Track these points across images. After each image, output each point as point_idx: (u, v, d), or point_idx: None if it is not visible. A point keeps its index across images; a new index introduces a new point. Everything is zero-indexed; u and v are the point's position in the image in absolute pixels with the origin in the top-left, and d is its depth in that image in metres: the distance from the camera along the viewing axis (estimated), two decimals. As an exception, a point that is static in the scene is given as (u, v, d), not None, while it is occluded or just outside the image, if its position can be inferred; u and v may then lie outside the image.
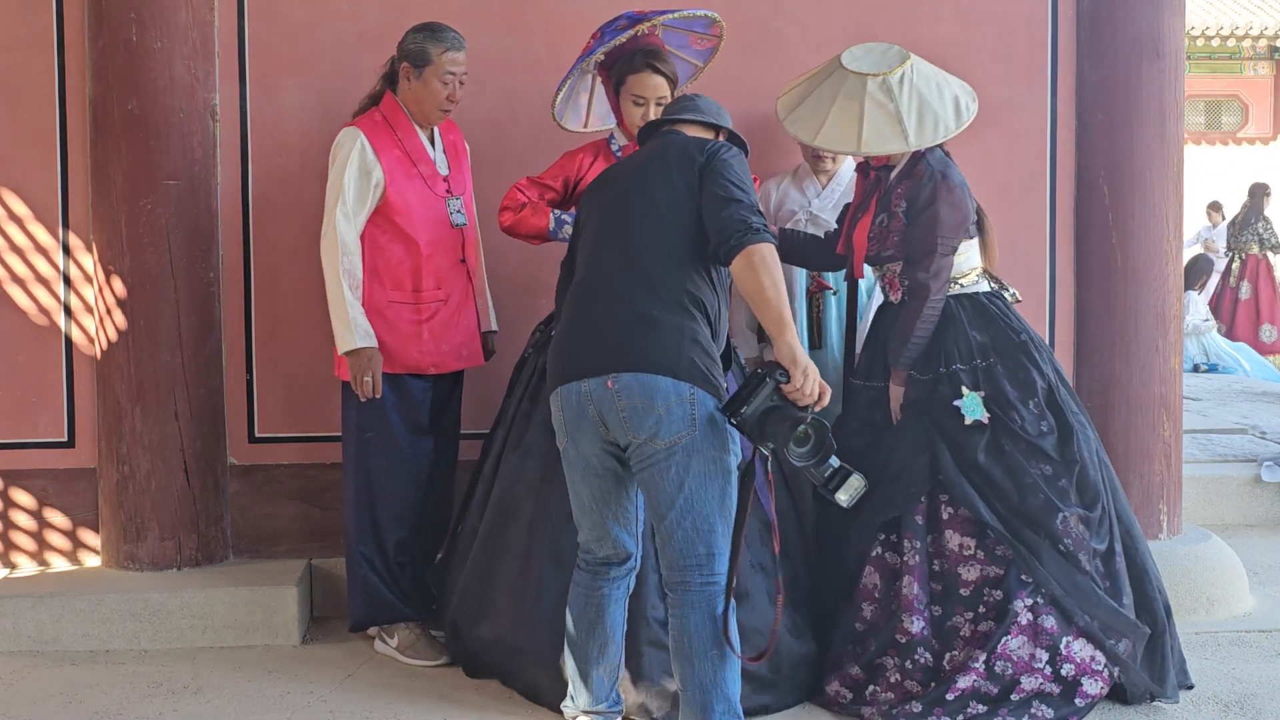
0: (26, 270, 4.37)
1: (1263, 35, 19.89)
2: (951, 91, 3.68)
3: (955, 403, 3.60)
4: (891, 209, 3.69)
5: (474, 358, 4.02)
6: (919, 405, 3.65)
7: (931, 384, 3.65)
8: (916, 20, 4.60)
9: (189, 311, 4.26)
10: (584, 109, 4.08)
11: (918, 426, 3.64)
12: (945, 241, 3.59)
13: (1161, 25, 4.55)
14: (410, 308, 3.86)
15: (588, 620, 3.18)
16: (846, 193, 4.12)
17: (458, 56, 3.81)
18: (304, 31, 4.40)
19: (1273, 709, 3.61)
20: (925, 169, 3.65)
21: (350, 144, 3.79)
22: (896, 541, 3.61)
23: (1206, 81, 20.57)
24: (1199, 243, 14.21)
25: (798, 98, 3.76)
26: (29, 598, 4.10)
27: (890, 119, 3.58)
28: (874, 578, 3.63)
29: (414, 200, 3.84)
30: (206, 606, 4.12)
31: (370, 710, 3.59)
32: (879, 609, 3.61)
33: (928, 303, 3.59)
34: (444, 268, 3.89)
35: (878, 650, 3.55)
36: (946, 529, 3.57)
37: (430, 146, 3.92)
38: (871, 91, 3.61)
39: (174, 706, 3.63)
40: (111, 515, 4.31)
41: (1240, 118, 21.26)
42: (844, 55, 3.72)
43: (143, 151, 4.19)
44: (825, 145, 3.69)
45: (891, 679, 3.52)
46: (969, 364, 3.64)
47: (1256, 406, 7.83)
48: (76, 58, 4.31)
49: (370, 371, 3.77)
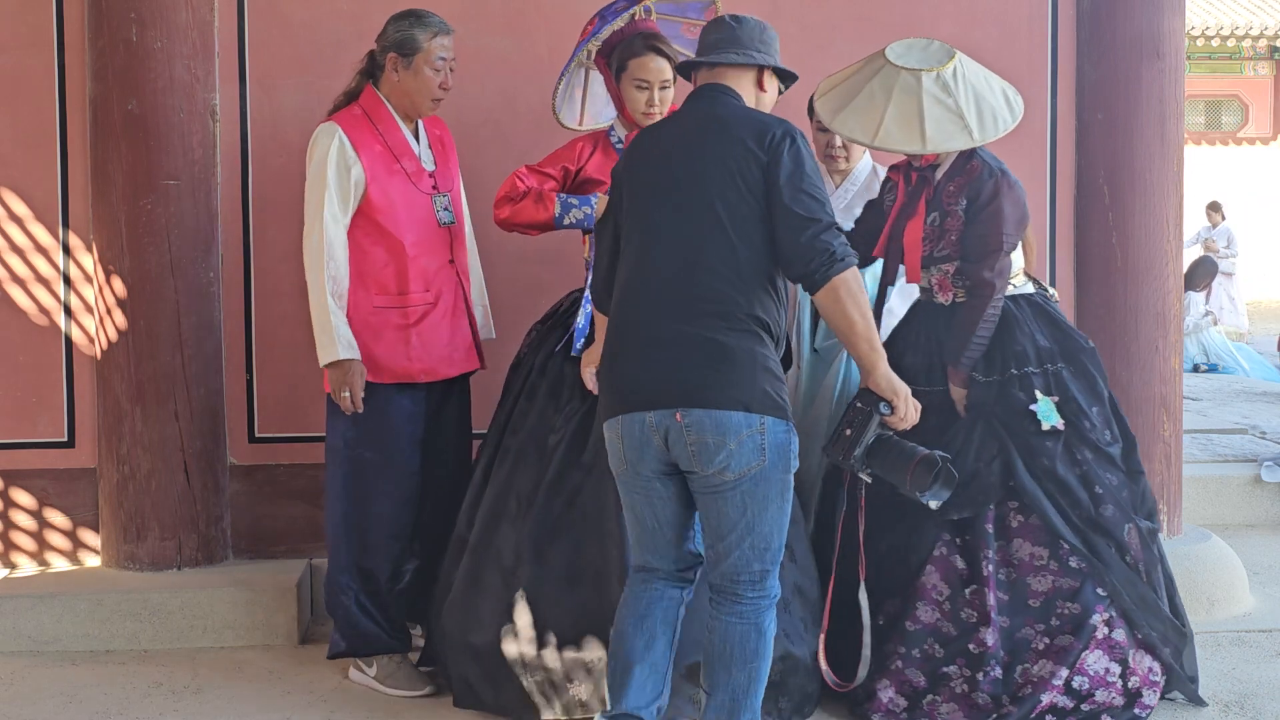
0: (27, 270, 4.37)
1: (1263, 35, 19.91)
2: (999, 85, 3.59)
3: (1031, 407, 3.51)
4: (946, 208, 3.57)
5: (469, 362, 3.80)
6: (984, 408, 3.54)
7: (999, 386, 3.54)
8: (916, 20, 4.60)
9: (189, 311, 4.26)
10: (579, 105, 4.00)
11: (986, 431, 3.53)
12: (1009, 239, 3.50)
13: (1161, 25, 4.55)
14: (397, 312, 3.63)
15: (637, 614, 3.01)
16: (861, 192, 4.03)
17: (446, 41, 3.64)
18: (304, 31, 4.40)
19: (1273, 709, 3.61)
20: (981, 165, 3.56)
21: (327, 141, 3.59)
22: (963, 545, 3.51)
23: (1206, 81, 20.59)
24: (1199, 243, 14.23)
25: (842, 97, 3.59)
26: (29, 598, 4.10)
27: (952, 115, 3.44)
28: (934, 578, 3.50)
29: (397, 198, 3.63)
30: (206, 606, 4.12)
31: (370, 710, 3.59)
32: (940, 613, 3.48)
33: (991, 301, 3.49)
34: (431, 269, 3.67)
35: (946, 658, 3.43)
36: (1016, 538, 3.50)
37: (414, 141, 3.72)
38: (928, 88, 3.46)
39: (174, 706, 3.63)
40: (111, 515, 4.31)
41: (1240, 118, 21.28)
42: (888, 51, 3.58)
43: (143, 151, 4.19)
44: (886, 145, 3.49)
45: (957, 689, 3.40)
46: (1040, 368, 3.56)
47: (1256, 406, 7.84)
48: (76, 58, 4.31)
49: (349, 385, 3.55)
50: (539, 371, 3.67)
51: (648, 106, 3.59)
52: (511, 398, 3.73)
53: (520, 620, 3.41)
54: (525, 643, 3.40)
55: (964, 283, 3.57)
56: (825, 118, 3.59)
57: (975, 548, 3.49)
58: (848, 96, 3.56)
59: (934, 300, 3.67)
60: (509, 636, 3.41)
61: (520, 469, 3.58)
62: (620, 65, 3.63)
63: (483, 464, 3.71)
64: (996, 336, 3.55)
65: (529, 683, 3.37)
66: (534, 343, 3.79)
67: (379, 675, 3.70)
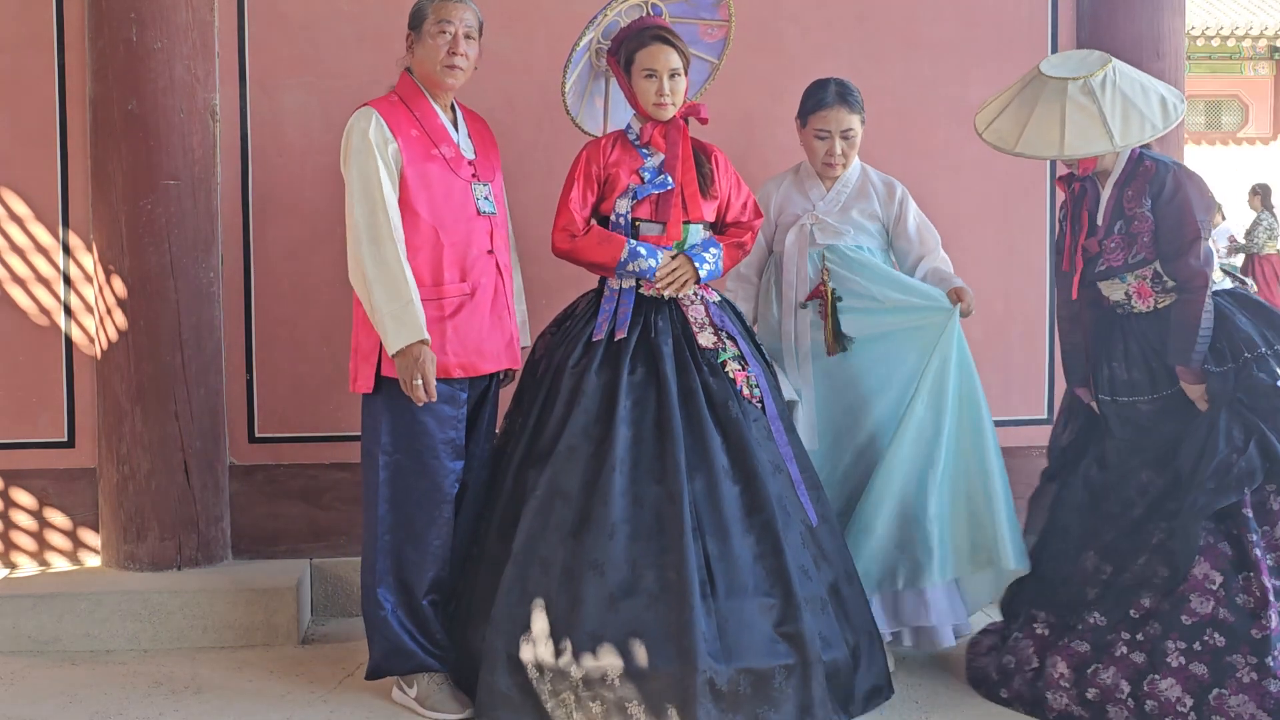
0: (27, 270, 4.37)
1: (1263, 35, 19.91)
2: (1157, 92, 3.58)
3: (1279, 384, 3.50)
4: (1129, 213, 3.60)
5: (510, 359, 3.61)
6: (1223, 396, 3.52)
7: (1235, 374, 3.54)
8: (916, 20, 4.60)
9: (189, 311, 4.26)
10: (600, 113, 3.97)
11: (1232, 417, 3.50)
12: (1204, 224, 3.53)
13: (1161, 25, 4.56)
14: (431, 304, 3.42)
15: None
16: (853, 197, 3.97)
17: (450, 6, 3.48)
18: (304, 31, 4.40)
19: (1273, 709, 3.61)
20: (1155, 164, 3.59)
21: (365, 122, 3.42)
22: (1226, 533, 3.46)
23: (1206, 81, 20.57)
24: (1199, 243, 14.20)
25: (997, 110, 3.67)
26: (29, 598, 4.10)
27: (1094, 120, 3.48)
28: (1204, 567, 3.44)
29: (435, 182, 3.46)
30: (206, 606, 4.12)
31: (370, 710, 3.59)
32: (1216, 600, 3.40)
33: (1207, 289, 3.51)
34: (469, 258, 3.49)
35: (1229, 647, 3.35)
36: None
37: (453, 129, 3.57)
38: (1072, 95, 3.50)
39: (174, 706, 3.63)
40: (111, 515, 4.31)
41: (1240, 118, 21.27)
42: (1043, 64, 3.63)
43: (143, 151, 4.19)
44: (1026, 151, 3.56)
45: (1244, 679, 3.30)
46: (1270, 348, 3.56)
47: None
48: (76, 58, 4.31)
49: (421, 371, 3.34)
50: (571, 375, 3.54)
51: (658, 96, 3.58)
52: (535, 402, 3.60)
53: (572, 633, 3.30)
54: (575, 655, 3.29)
55: (1168, 283, 3.58)
56: (978, 127, 3.67)
57: (1239, 534, 3.46)
58: (1001, 109, 3.66)
59: (1131, 309, 3.67)
60: (567, 650, 3.29)
61: (564, 472, 3.45)
62: (629, 58, 3.62)
63: (511, 472, 3.56)
64: (1217, 327, 3.57)
65: (570, 697, 3.28)
66: (552, 345, 3.68)
67: (419, 696, 3.53)
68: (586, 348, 3.58)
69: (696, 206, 3.66)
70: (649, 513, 3.39)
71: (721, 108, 4.00)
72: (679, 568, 3.30)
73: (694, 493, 3.41)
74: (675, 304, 3.64)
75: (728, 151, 3.83)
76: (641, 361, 3.56)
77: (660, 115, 3.62)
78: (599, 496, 3.39)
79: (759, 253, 4.02)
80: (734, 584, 3.35)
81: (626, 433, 3.45)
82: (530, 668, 3.33)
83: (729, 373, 3.56)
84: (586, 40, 3.70)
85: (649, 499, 3.40)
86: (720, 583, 3.33)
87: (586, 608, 3.30)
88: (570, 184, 3.67)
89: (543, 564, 3.39)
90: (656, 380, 3.52)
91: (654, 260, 3.58)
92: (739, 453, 3.48)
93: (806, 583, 3.40)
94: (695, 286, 3.65)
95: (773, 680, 3.28)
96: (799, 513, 3.50)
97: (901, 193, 4.00)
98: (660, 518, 3.37)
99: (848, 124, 3.88)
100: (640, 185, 3.62)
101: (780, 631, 3.33)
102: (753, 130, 4.51)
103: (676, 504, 3.36)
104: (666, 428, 3.45)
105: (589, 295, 3.75)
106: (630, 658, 3.26)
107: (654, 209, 3.63)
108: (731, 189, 3.76)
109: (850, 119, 3.88)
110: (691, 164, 3.66)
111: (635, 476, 3.43)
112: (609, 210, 3.65)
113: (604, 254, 3.59)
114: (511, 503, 3.53)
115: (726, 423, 3.51)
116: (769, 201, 4.04)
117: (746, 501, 3.45)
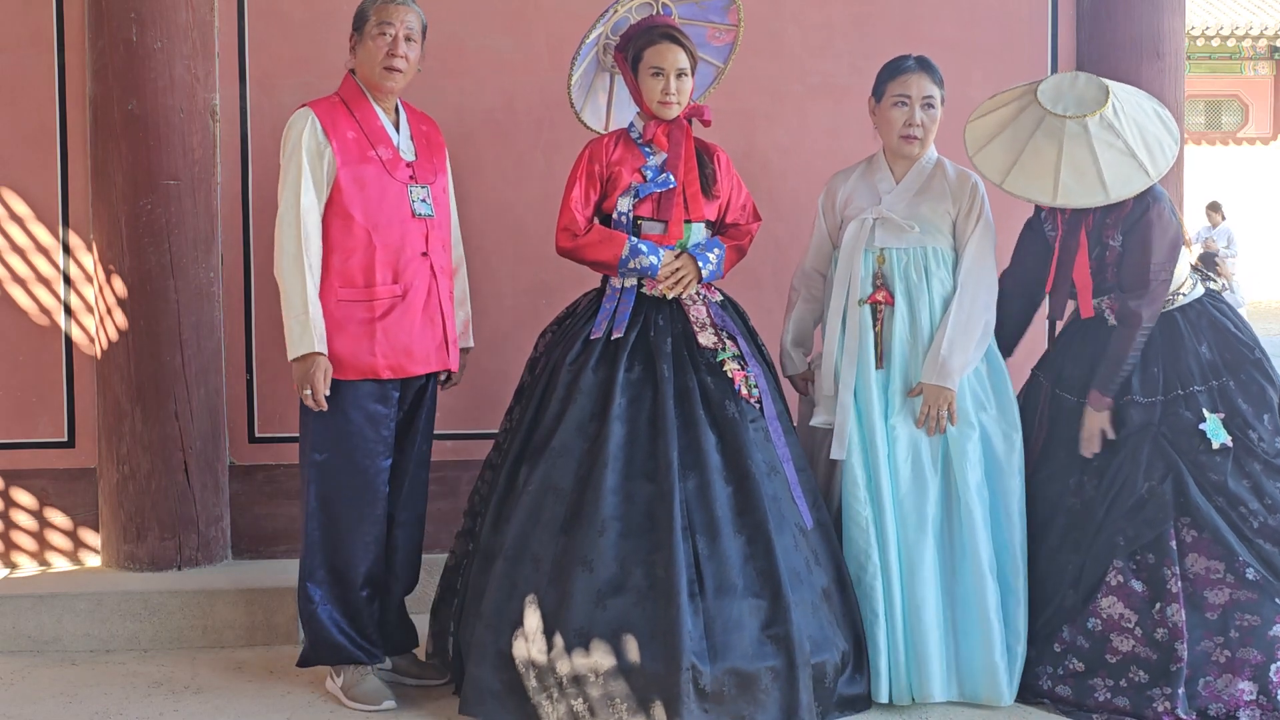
0: (27, 270, 4.37)
1: (1263, 35, 19.91)
2: (1149, 105, 3.57)
3: (1200, 426, 3.53)
4: (1106, 243, 3.61)
5: (440, 361, 3.62)
6: (1150, 429, 3.57)
7: (1163, 406, 3.57)
8: (917, 20, 4.60)
9: (189, 311, 4.26)
10: (604, 109, 3.96)
11: (1154, 451, 3.55)
12: (1157, 273, 3.53)
13: (1161, 25, 4.55)
14: (362, 305, 3.47)
15: None
16: (923, 192, 3.70)
17: (391, 9, 3.49)
18: (304, 31, 4.40)
19: (1273, 709, 3.61)
20: (1132, 201, 3.54)
21: (300, 125, 3.49)
22: (1139, 566, 3.51)
23: (1206, 81, 20.58)
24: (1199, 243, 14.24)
25: (1005, 153, 3.53)
26: (29, 598, 4.10)
27: (1124, 156, 3.43)
28: (1118, 607, 3.51)
29: (369, 184, 3.49)
30: (206, 606, 4.12)
31: (370, 710, 3.59)
32: (1134, 639, 3.48)
33: (1139, 331, 3.54)
34: (401, 260, 3.51)
35: (1150, 682, 3.43)
36: (1190, 552, 3.50)
37: (394, 130, 3.58)
38: (1095, 133, 3.45)
39: (174, 706, 3.63)
40: (111, 515, 4.31)
41: (1240, 118, 21.27)
42: (1041, 96, 3.52)
43: (143, 151, 4.19)
44: (1068, 203, 3.45)
45: (1159, 708, 3.40)
46: (1205, 385, 3.58)
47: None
48: (76, 58, 4.31)
49: (311, 381, 3.41)
50: (568, 371, 3.54)
51: (663, 95, 3.57)
52: (532, 399, 3.61)
53: (560, 628, 3.28)
54: (562, 650, 3.28)
55: (1118, 308, 3.60)
56: (994, 177, 3.54)
57: (1159, 565, 3.49)
58: (1012, 152, 3.53)
59: (1105, 321, 3.68)
60: (556, 646, 3.28)
61: (557, 468, 3.46)
62: (636, 55, 3.62)
63: (505, 467, 3.57)
64: (1162, 355, 3.60)
65: (556, 693, 3.27)
66: (551, 343, 3.69)
67: (344, 685, 3.61)
68: (585, 345, 3.59)
69: (698, 206, 3.65)
70: (640, 510, 3.39)
71: (722, 107, 3.99)
72: (668, 566, 3.29)
73: (686, 491, 3.40)
74: (677, 303, 3.64)
75: (728, 151, 3.82)
76: (639, 360, 3.56)
77: (665, 114, 3.61)
78: (590, 493, 3.39)
79: (825, 248, 3.84)
80: (723, 584, 3.34)
81: (620, 430, 3.45)
82: (518, 663, 3.33)
83: (727, 372, 3.56)
84: (595, 34, 3.69)
85: (640, 496, 3.40)
86: (709, 582, 3.32)
87: (575, 604, 3.30)
88: (572, 183, 3.66)
89: (534, 560, 3.40)
90: (653, 378, 3.52)
91: (655, 258, 3.58)
92: (734, 453, 3.48)
93: (798, 585, 3.39)
94: (697, 286, 3.65)
95: (759, 682, 3.27)
96: (793, 515, 3.49)
97: (974, 187, 3.70)
98: (651, 515, 3.37)
99: (929, 90, 3.63)
100: (642, 184, 3.62)
101: (768, 633, 3.31)
102: (753, 130, 4.51)
103: (668, 502, 3.36)
104: (661, 426, 3.45)
105: (590, 294, 3.74)
106: (617, 655, 3.26)
107: (656, 208, 3.63)
108: (732, 189, 3.76)
109: (931, 87, 3.63)
110: (694, 163, 3.66)
111: (628, 474, 3.42)
112: (611, 208, 3.65)
113: (606, 252, 3.59)
114: (506, 498, 3.53)
115: (722, 423, 3.50)
116: (835, 194, 3.80)
117: (739, 502, 3.44)
